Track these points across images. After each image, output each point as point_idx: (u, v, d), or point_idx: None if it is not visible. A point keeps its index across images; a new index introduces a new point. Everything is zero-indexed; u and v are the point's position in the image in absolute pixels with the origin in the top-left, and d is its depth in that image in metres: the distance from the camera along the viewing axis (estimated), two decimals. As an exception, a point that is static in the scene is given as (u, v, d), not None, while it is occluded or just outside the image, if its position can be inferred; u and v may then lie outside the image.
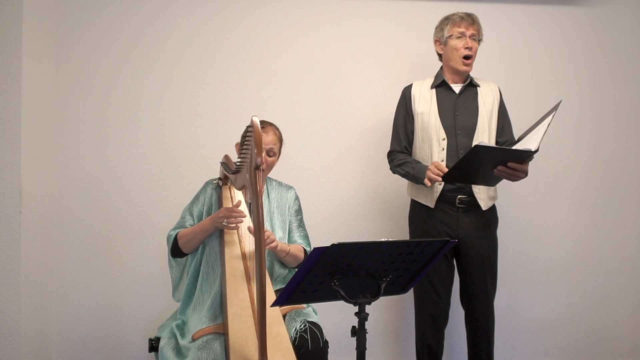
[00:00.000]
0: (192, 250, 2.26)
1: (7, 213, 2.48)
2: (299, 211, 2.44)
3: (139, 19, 2.93)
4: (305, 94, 3.02)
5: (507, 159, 2.27)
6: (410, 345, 3.01)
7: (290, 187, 2.46)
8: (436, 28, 2.64)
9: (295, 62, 3.02)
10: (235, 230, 2.23)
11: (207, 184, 2.40)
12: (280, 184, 2.46)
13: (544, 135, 2.23)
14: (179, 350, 2.10)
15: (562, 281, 3.16)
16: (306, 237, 2.42)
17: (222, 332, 2.08)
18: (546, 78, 3.14)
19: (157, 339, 2.25)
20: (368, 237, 3.01)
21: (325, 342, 2.16)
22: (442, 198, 2.51)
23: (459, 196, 2.50)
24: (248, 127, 1.87)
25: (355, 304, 1.75)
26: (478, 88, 2.61)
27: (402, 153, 2.62)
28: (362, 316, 1.74)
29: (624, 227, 3.19)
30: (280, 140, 2.38)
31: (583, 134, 3.16)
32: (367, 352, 1.76)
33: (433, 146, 2.52)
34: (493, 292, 2.61)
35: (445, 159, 2.49)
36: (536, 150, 2.21)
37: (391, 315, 3.05)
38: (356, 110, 3.05)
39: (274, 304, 1.85)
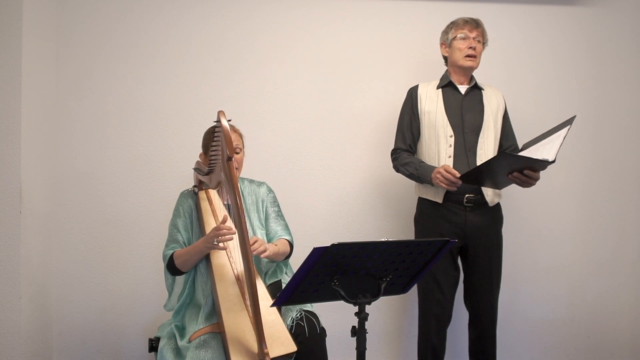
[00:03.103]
0: (190, 269, 2.27)
1: (7, 213, 2.48)
2: (274, 202, 2.45)
3: (140, 19, 2.93)
4: (306, 94, 3.02)
5: (525, 167, 2.34)
6: (410, 345, 3.01)
7: (261, 183, 2.48)
8: (442, 32, 2.69)
9: (297, 63, 3.01)
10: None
11: (181, 195, 2.41)
12: (251, 181, 2.47)
13: (560, 147, 2.30)
14: (178, 351, 2.11)
15: (562, 281, 3.16)
16: (286, 227, 2.42)
17: (218, 331, 2.08)
18: (546, 78, 3.14)
19: (157, 339, 2.25)
20: (369, 237, 3.01)
21: (322, 329, 2.16)
22: (450, 197, 2.52)
23: (467, 195, 2.51)
24: (214, 127, 1.89)
25: (355, 304, 1.75)
26: (482, 91, 2.66)
27: (406, 152, 2.64)
28: (362, 316, 1.75)
29: (624, 227, 3.19)
30: (241, 136, 2.42)
31: (583, 133, 3.15)
32: (367, 352, 1.76)
33: (440, 143, 2.55)
34: (497, 291, 2.62)
35: (452, 156, 2.52)
36: (553, 161, 2.29)
37: (391, 315, 3.04)
38: (358, 110, 3.04)
39: (273, 304, 1.85)
